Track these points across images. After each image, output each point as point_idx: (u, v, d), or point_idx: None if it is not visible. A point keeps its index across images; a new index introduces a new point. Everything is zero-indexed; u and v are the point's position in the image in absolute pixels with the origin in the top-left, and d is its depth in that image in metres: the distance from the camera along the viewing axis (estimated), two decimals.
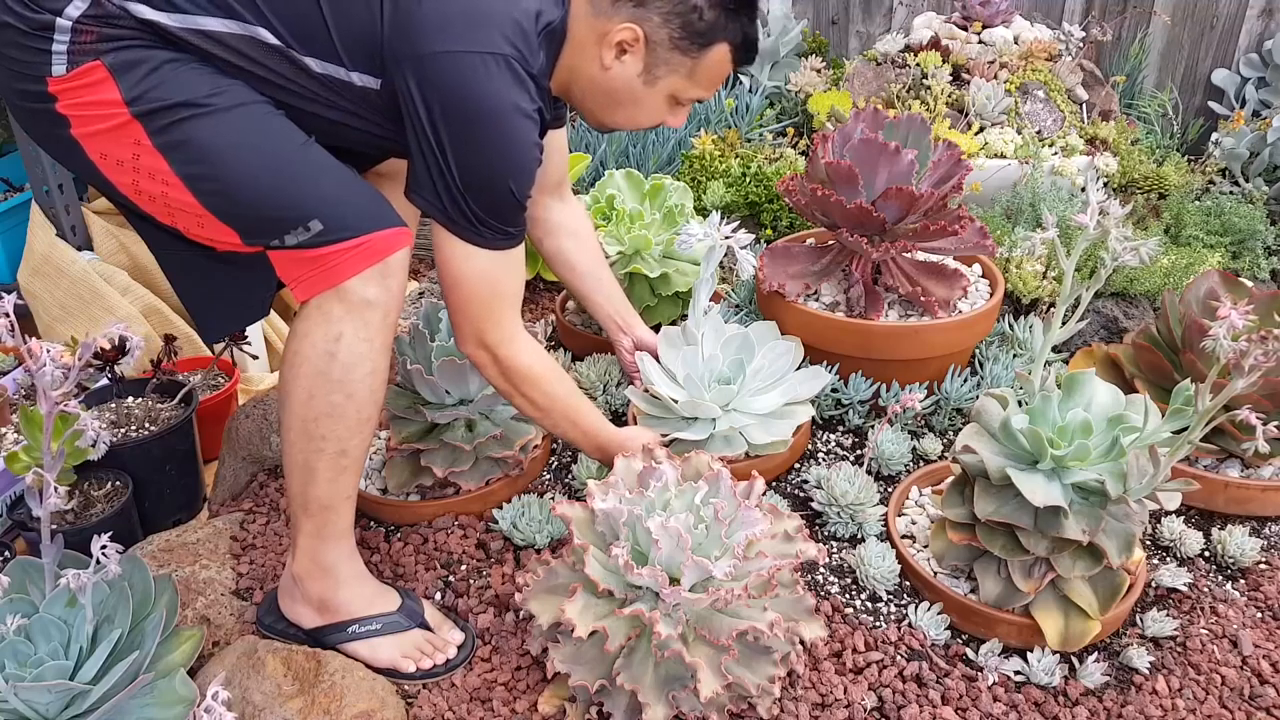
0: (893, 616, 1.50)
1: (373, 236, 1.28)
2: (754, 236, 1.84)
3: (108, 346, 1.79)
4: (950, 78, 2.88)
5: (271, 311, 2.37)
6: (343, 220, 1.27)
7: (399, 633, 1.42)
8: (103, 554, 1.18)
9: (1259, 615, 1.52)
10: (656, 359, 1.82)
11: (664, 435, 1.72)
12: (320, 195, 1.27)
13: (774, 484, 1.79)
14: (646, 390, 1.80)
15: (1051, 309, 1.96)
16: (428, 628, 1.45)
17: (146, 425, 1.82)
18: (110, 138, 1.24)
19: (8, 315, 1.11)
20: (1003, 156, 2.65)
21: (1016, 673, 1.40)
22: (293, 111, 1.31)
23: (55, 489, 1.18)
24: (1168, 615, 1.49)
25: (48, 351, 1.12)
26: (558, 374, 1.54)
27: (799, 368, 1.81)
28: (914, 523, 1.65)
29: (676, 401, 1.73)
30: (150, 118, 1.22)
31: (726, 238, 1.72)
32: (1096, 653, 1.43)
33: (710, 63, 1.43)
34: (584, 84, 1.44)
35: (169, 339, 1.99)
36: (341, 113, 1.34)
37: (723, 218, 1.76)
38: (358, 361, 1.30)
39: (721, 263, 2.52)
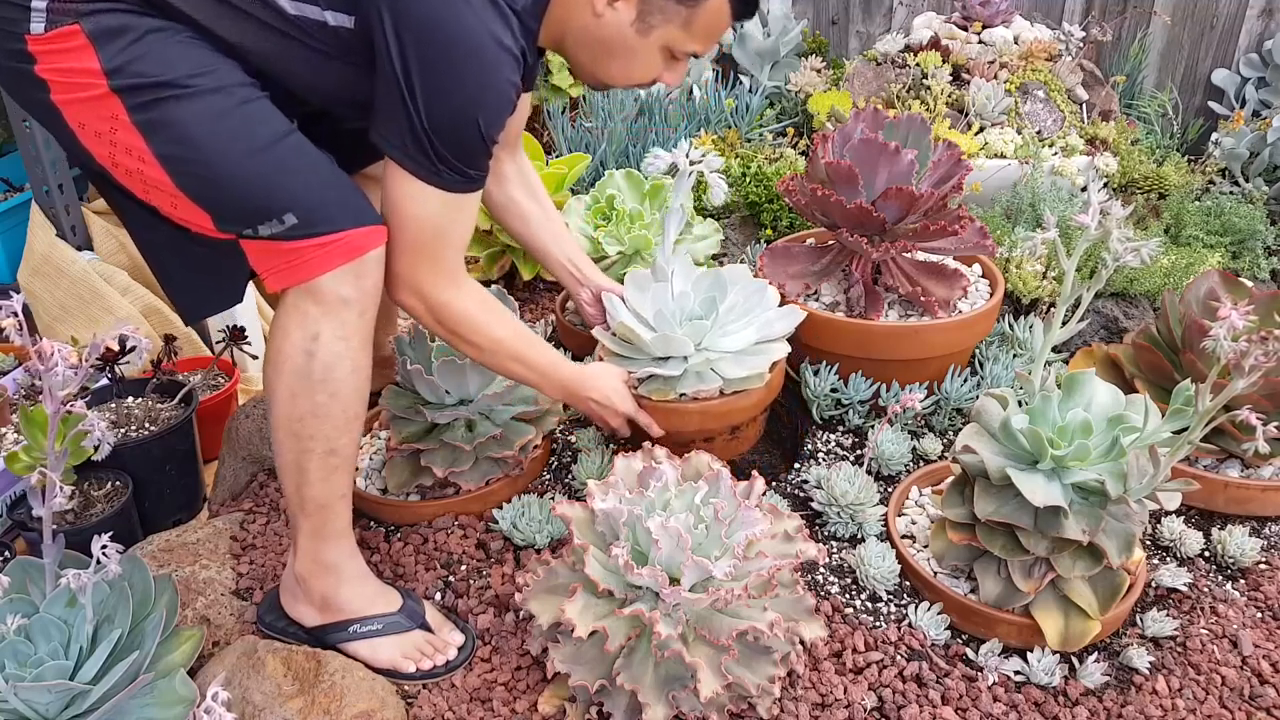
0: (893, 616, 1.50)
1: (347, 234, 1.27)
2: (723, 163, 1.75)
3: (115, 347, 1.79)
4: (950, 78, 2.88)
5: (272, 310, 2.37)
6: (318, 215, 1.26)
7: (400, 633, 1.42)
8: (103, 554, 1.18)
9: (1259, 615, 1.52)
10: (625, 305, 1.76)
11: (632, 374, 1.67)
12: (297, 188, 1.26)
13: (773, 484, 1.79)
14: (614, 334, 1.74)
15: (1051, 309, 1.96)
16: (429, 628, 1.45)
17: (146, 425, 1.82)
18: (88, 108, 1.22)
19: (17, 315, 1.11)
20: (1003, 156, 2.65)
21: (1016, 673, 1.40)
22: (271, 82, 1.28)
23: (60, 488, 1.18)
24: (1168, 615, 1.49)
25: (58, 352, 1.12)
26: (500, 315, 1.48)
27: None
28: (914, 523, 1.65)
29: (647, 340, 1.67)
30: (130, 94, 1.20)
31: (694, 163, 1.64)
32: (1096, 653, 1.43)
33: (707, 13, 1.38)
34: (576, 34, 1.40)
35: (169, 339, 2.00)
36: (316, 58, 1.30)
37: (687, 152, 1.67)
38: (337, 360, 1.30)
39: (722, 261, 2.52)
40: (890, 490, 1.73)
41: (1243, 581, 1.58)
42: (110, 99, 1.20)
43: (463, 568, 1.62)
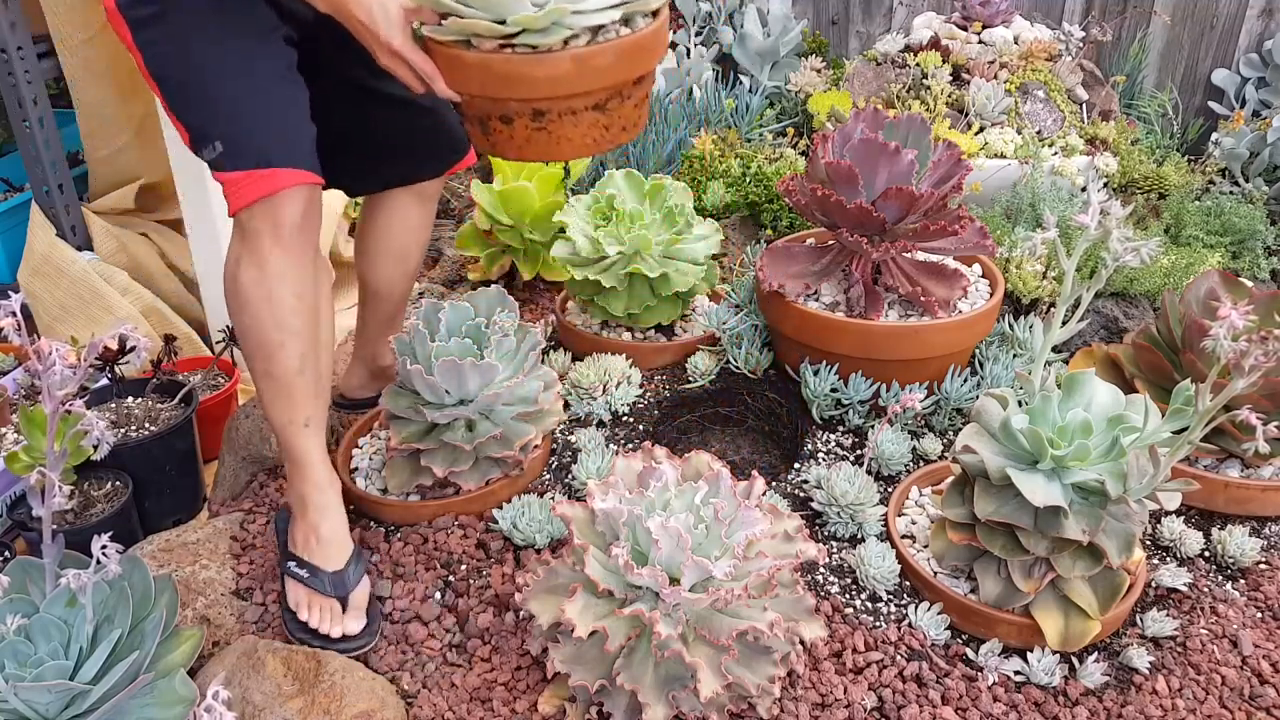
0: (893, 616, 1.50)
1: (264, 172, 1.33)
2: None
3: (114, 347, 1.79)
4: (950, 78, 2.88)
5: None
6: (241, 149, 1.33)
7: (316, 591, 1.48)
8: (103, 554, 1.18)
9: (1259, 615, 1.52)
10: None
11: (422, 7, 1.30)
12: (230, 117, 1.33)
13: (773, 484, 1.79)
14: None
15: (1051, 309, 1.96)
16: (346, 604, 1.49)
17: (146, 425, 1.82)
18: (115, 18, 1.32)
19: (15, 315, 1.11)
20: (1003, 156, 2.65)
21: (1016, 673, 1.40)
22: None
23: (59, 488, 1.18)
24: (1168, 615, 1.49)
25: (56, 351, 1.13)
26: None
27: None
28: (914, 523, 1.65)
29: None
30: (125, 12, 1.30)
31: None
32: (1096, 653, 1.43)
33: None
34: None
35: (169, 339, 2.00)
36: None
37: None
38: (251, 287, 1.38)
39: (722, 261, 2.52)
40: (890, 490, 1.73)
41: (1243, 581, 1.58)
42: (117, 15, 1.31)
43: (463, 568, 1.62)
